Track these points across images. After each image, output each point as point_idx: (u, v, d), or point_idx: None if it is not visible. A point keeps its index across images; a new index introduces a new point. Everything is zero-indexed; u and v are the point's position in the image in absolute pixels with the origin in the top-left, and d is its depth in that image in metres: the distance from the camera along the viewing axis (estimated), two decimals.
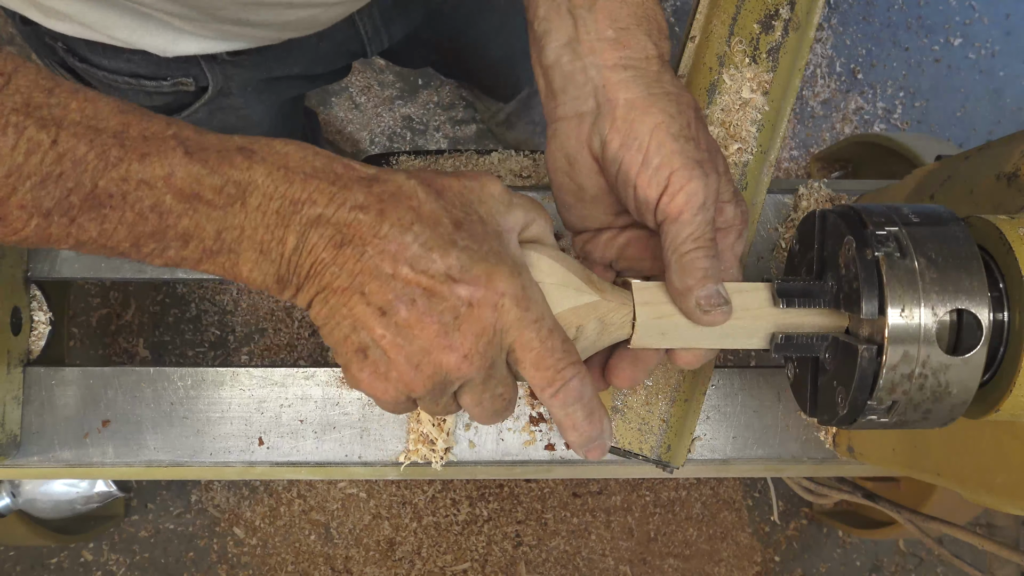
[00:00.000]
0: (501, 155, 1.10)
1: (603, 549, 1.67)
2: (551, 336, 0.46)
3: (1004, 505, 0.57)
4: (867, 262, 0.47)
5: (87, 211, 0.40)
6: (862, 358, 0.47)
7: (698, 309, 0.50)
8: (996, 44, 1.85)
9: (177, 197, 0.41)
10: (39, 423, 0.74)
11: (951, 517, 0.93)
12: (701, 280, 0.49)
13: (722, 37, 0.71)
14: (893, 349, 0.46)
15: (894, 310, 0.46)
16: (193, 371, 0.75)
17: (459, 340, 0.44)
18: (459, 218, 0.45)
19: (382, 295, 0.43)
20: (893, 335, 0.46)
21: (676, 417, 0.71)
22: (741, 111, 0.71)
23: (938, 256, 0.46)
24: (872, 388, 0.47)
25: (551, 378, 0.47)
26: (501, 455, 0.76)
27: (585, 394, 0.48)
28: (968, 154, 0.64)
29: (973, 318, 0.46)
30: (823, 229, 0.53)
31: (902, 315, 0.46)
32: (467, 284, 0.44)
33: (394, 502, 1.66)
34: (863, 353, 0.47)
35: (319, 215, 0.42)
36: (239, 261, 0.43)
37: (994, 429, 0.56)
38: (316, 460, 0.75)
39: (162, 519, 1.64)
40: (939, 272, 0.46)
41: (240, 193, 0.42)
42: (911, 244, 0.47)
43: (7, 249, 0.72)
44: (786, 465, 0.79)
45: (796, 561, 1.70)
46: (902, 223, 0.48)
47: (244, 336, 1.68)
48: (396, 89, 1.77)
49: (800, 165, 1.79)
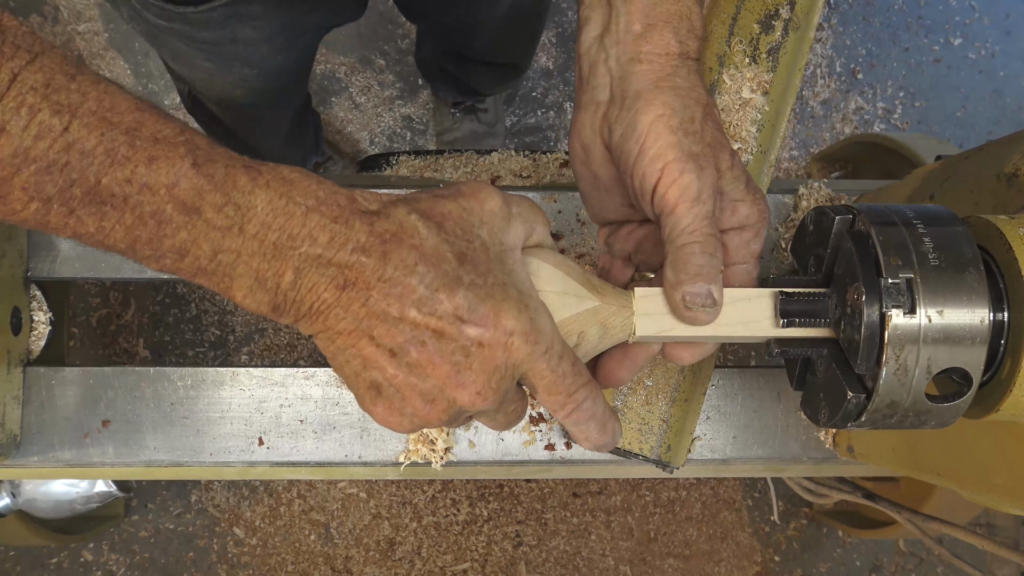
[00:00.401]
0: (501, 155, 1.10)
1: (603, 549, 1.67)
2: (561, 363, 0.47)
3: (1004, 505, 0.57)
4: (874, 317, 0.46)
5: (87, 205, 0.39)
6: (849, 402, 0.48)
7: (682, 305, 0.49)
8: (996, 44, 1.85)
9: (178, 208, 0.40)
10: (39, 423, 0.74)
11: (951, 517, 0.93)
12: (693, 277, 0.49)
13: (722, 37, 0.71)
14: (881, 399, 0.47)
15: (890, 367, 0.46)
16: (193, 371, 0.75)
17: (471, 378, 0.44)
18: (462, 250, 0.45)
19: (391, 338, 0.43)
20: (884, 389, 0.46)
21: (676, 417, 0.71)
22: (741, 111, 0.71)
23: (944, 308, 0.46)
24: (856, 419, 0.49)
25: (563, 402, 0.47)
26: (501, 455, 0.76)
27: (597, 412, 0.49)
28: (968, 154, 0.64)
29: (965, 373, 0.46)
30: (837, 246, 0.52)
31: (896, 372, 0.46)
32: (475, 324, 0.44)
33: (394, 502, 1.66)
34: (851, 399, 0.48)
35: (319, 255, 0.42)
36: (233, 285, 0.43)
37: (994, 429, 0.56)
38: (316, 460, 0.75)
39: (162, 519, 1.64)
40: (944, 332, 0.46)
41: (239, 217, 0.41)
42: (921, 298, 0.46)
43: (7, 249, 0.72)
44: (786, 465, 0.79)
45: (796, 561, 1.70)
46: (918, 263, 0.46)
47: (244, 336, 1.68)
48: (396, 89, 1.77)
49: (800, 165, 1.79)
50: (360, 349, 0.44)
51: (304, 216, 0.42)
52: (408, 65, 1.76)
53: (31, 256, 0.75)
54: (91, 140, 0.38)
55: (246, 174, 0.42)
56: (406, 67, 1.76)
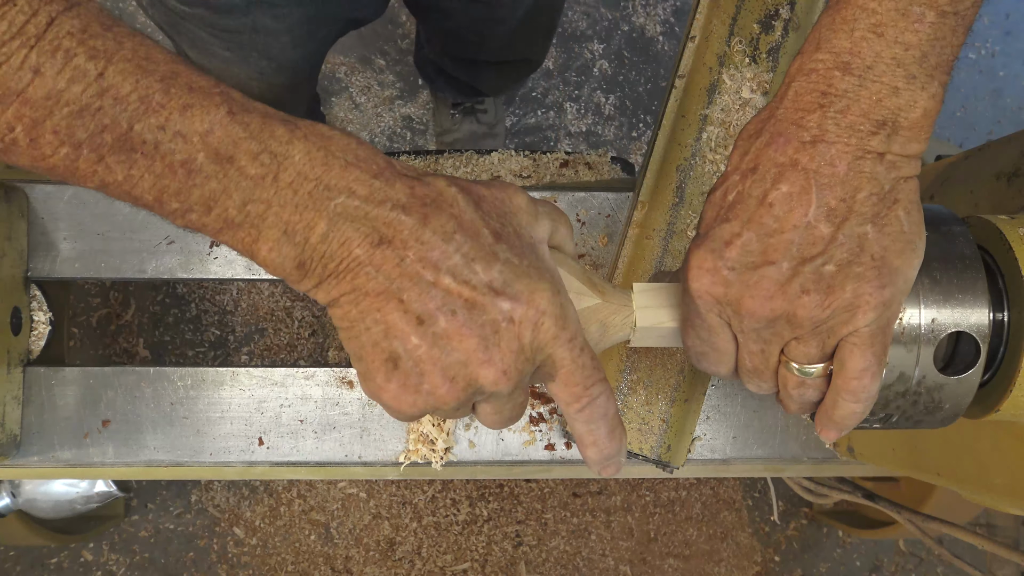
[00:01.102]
0: (501, 155, 1.10)
1: (603, 549, 1.67)
2: (583, 354, 0.46)
3: (1004, 505, 0.57)
4: None
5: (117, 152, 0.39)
6: None
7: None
8: (996, 44, 1.85)
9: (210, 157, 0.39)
10: (39, 423, 0.74)
11: (951, 517, 0.93)
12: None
13: (722, 37, 0.71)
14: (890, 370, 0.46)
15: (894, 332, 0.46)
16: (193, 371, 0.75)
17: (498, 356, 0.43)
18: (497, 229, 0.44)
19: (422, 303, 0.42)
20: (891, 357, 0.46)
21: (676, 417, 0.71)
22: (741, 111, 0.71)
23: (943, 276, 0.46)
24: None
25: (579, 394, 0.46)
26: (501, 455, 0.76)
27: (609, 412, 0.47)
28: (968, 154, 0.64)
29: (971, 339, 0.46)
30: None
31: (901, 337, 0.46)
32: (509, 299, 0.43)
33: (394, 502, 1.66)
34: None
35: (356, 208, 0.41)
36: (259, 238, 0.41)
37: (994, 429, 0.56)
38: (316, 460, 0.75)
39: (162, 519, 1.64)
40: (942, 294, 0.46)
41: (275, 166, 0.40)
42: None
43: (7, 249, 0.72)
44: (786, 465, 0.79)
45: (796, 561, 1.70)
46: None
47: (244, 336, 1.68)
48: (396, 89, 1.77)
49: None
50: (386, 314, 0.42)
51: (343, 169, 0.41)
52: (408, 65, 1.76)
53: (31, 256, 0.75)
54: (126, 86, 0.38)
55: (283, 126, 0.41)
56: (406, 67, 1.76)
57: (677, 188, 0.72)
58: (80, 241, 0.75)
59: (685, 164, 0.72)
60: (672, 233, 0.71)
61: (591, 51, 1.80)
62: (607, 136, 1.79)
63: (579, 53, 1.80)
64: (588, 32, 1.80)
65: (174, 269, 0.76)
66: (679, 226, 0.72)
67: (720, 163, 0.71)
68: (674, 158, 0.72)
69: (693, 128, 0.72)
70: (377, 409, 0.75)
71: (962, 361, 0.47)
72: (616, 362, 0.71)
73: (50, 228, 0.75)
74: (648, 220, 0.72)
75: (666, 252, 0.71)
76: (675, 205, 0.72)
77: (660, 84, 1.79)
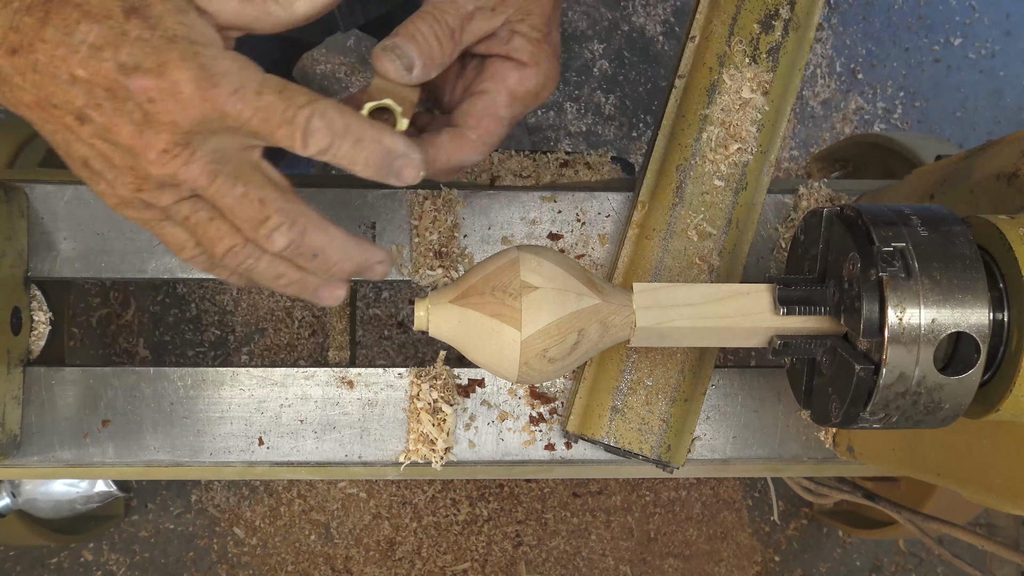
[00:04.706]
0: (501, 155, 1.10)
1: (603, 549, 1.67)
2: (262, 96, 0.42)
3: (1004, 505, 0.57)
4: (871, 283, 0.47)
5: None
6: (858, 376, 0.47)
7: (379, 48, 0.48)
8: (996, 44, 1.85)
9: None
10: (39, 423, 0.74)
11: (951, 517, 0.93)
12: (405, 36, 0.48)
13: (722, 37, 0.71)
14: (890, 370, 0.46)
15: (894, 332, 0.46)
16: (193, 371, 0.75)
17: (153, 138, 0.42)
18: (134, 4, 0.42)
19: (69, 102, 0.41)
20: (891, 357, 0.46)
21: (676, 417, 0.71)
22: (741, 111, 0.71)
23: (943, 276, 0.46)
24: (867, 403, 0.48)
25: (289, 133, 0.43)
26: (501, 455, 0.76)
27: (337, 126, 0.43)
28: (968, 154, 0.64)
29: (971, 339, 0.46)
30: (828, 235, 0.53)
31: (901, 337, 0.46)
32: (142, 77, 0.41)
33: (394, 502, 1.66)
34: (859, 372, 0.47)
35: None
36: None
37: (994, 429, 0.56)
38: (316, 460, 0.75)
39: (162, 519, 1.64)
40: (942, 294, 0.46)
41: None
42: (917, 264, 0.46)
43: (7, 249, 0.72)
44: (786, 465, 0.79)
45: (796, 561, 1.70)
46: (909, 237, 0.47)
47: (244, 336, 1.68)
48: None
49: (800, 165, 1.79)
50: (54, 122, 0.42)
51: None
52: None
53: (31, 256, 0.75)
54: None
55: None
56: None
57: (677, 188, 0.72)
58: (80, 241, 0.75)
59: (685, 164, 0.72)
60: (672, 233, 0.71)
61: (591, 51, 1.80)
62: (607, 136, 1.79)
63: (579, 53, 1.80)
64: (588, 32, 1.80)
65: (174, 269, 0.76)
66: (679, 226, 0.72)
67: (720, 163, 0.71)
68: (674, 158, 0.72)
69: (693, 128, 0.72)
70: (378, 409, 0.75)
71: (962, 361, 0.47)
72: (616, 362, 0.71)
73: (50, 228, 0.75)
74: (648, 220, 0.72)
75: (666, 252, 0.71)
76: (675, 205, 0.72)
77: (660, 84, 1.79)
